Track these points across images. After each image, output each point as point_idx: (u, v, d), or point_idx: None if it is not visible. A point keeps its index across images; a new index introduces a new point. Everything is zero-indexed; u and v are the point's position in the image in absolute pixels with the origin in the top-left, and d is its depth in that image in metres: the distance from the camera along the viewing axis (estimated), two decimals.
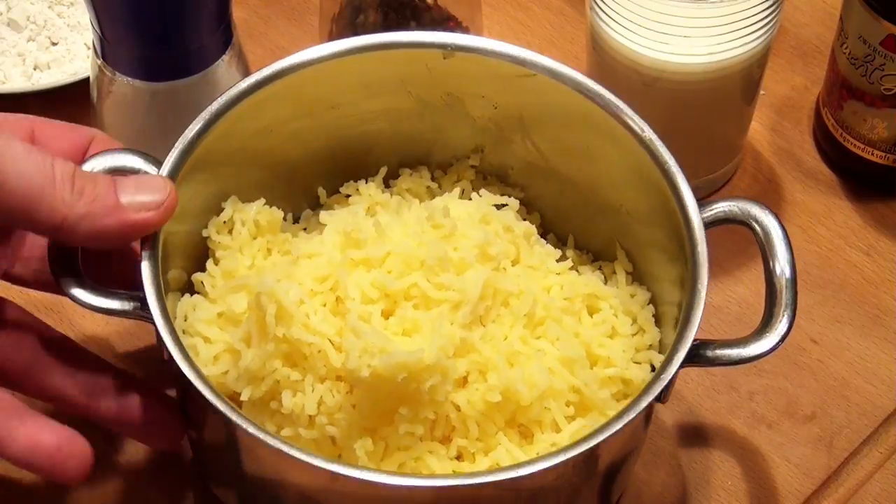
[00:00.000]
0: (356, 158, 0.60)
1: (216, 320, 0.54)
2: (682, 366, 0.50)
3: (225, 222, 0.56)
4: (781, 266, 0.52)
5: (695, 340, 0.50)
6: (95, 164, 0.52)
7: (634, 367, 0.54)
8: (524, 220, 0.59)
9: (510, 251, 0.55)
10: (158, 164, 0.53)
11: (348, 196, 0.60)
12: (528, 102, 0.58)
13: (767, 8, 0.62)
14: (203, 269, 0.56)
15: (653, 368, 0.55)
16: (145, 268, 0.51)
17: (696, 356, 0.50)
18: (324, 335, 0.50)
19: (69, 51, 0.75)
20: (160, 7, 0.56)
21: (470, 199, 0.58)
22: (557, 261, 0.57)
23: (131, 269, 0.52)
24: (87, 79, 0.63)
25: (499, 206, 0.58)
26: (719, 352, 0.51)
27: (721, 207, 0.54)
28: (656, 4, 0.61)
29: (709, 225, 0.53)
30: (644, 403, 0.48)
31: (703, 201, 0.53)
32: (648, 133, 0.55)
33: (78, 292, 0.51)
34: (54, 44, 0.76)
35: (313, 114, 0.58)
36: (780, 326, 0.51)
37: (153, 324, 0.49)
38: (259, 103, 0.55)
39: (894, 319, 0.66)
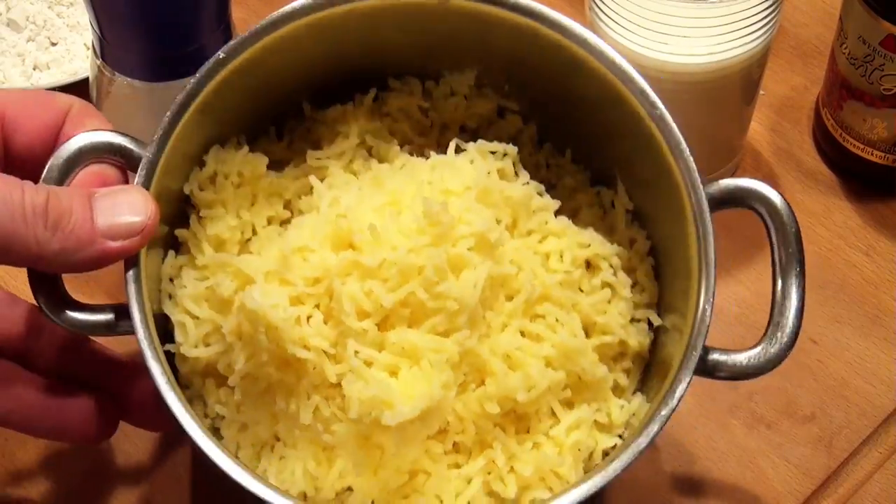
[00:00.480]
0: (346, 76, 0.58)
1: (204, 294, 0.52)
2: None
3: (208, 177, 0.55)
4: (789, 282, 0.51)
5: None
6: (75, 143, 0.50)
7: (632, 329, 0.54)
8: (521, 130, 0.58)
9: (507, 221, 0.53)
10: (138, 142, 0.51)
11: (335, 121, 0.58)
12: (530, 52, 0.56)
13: (767, 8, 0.62)
14: (185, 222, 0.54)
15: (650, 325, 0.54)
16: (133, 299, 0.49)
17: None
18: (318, 349, 0.49)
19: (69, 51, 0.75)
20: (160, 8, 0.56)
21: (467, 142, 0.55)
22: (556, 214, 0.55)
23: None
24: (87, 79, 0.63)
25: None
26: (721, 358, 0.51)
27: (728, 185, 0.52)
28: (656, 4, 0.61)
29: (714, 207, 0.51)
30: (643, 445, 0.48)
31: (708, 180, 0.52)
32: (660, 110, 0.53)
33: (63, 315, 0.49)
34: (54, 44, 0.76)
35: (308, 57, 0.56)
36: (785, 336, 0.50)
37: (143, 357, 0.48)
38: (255, 56, 0.53)
39: (894, 319, 0.66)
